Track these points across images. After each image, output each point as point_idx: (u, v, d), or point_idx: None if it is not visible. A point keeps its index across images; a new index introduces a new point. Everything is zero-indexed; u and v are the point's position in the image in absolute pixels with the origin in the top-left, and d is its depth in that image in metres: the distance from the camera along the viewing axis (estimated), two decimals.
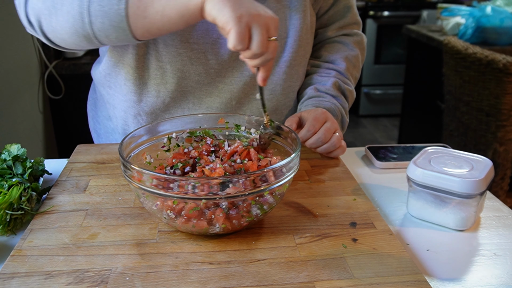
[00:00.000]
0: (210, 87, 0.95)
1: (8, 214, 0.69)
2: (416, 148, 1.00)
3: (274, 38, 0.68)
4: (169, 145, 0.79)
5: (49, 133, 2.42)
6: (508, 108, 1.74)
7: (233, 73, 0.96)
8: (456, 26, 2.45)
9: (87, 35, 0.78)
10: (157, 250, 0.64)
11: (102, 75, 0.99)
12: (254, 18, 0.66)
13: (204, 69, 0.93)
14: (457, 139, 2.02)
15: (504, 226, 0.75)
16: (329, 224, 0.71)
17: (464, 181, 0.70)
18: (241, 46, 0.66)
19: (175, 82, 0.93)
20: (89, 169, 0.88)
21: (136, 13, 0.73)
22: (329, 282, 0.58)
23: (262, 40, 0.66)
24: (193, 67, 0.92)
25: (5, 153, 0.82)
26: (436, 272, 0.64)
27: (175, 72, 0.93)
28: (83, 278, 0.58)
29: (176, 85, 0.94)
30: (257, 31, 0.66)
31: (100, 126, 1.09)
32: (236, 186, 0.60)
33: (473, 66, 1.80)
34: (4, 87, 1.90)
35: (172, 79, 0.93)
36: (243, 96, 0.97)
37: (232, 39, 0.65)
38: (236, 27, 0.65)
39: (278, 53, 0.97)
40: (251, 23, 0.66)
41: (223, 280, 0.58)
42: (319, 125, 0.90)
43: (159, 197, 0.63)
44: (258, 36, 0.66)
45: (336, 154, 0.92)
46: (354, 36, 1.11)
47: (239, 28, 0.65)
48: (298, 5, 0.96)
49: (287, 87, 1.00)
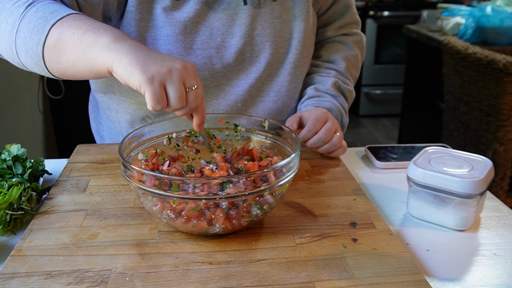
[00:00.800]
0: (216, 90, 0.96)
1: (8, 214, 0.69)
2: (416, 148, 1.00)
3: (194, 88, 0.67)
4: (169, 145, 0.79)
5: (49, 133, 2.42)
6: (508, 108, 1.74)
7: (239, 76, 0.96)
8: (456, 26, 2.45)
9: (18, 63, 0.79)
10: (157, 250, 0.64)
11: (104, 84, 0.99)
12: (166, 76, 0.64)
13: (210, 74, 0.93)
14: (457, 139, 2.02)
15: (504, 226, 0.75)
16: (329, 224, 0.71)
17: (464, 181, 0.70)
18: (160, 105, 0.64)
19: None
20: (89, 169, 0.88)
21: (51, 57, 0.73)
22: (329, 282, 0.58)
23: (179, 95, 0.64)
24: (199, 72, 0.92)
25: (5, 153, 0.82)
26: (436, 272, 0.64)
27: None
28: (83, 278, 0.58)
29: None
30: (172, 87, 0.64)
31: (103, 128, 1.09)
32: (236, 186, 0.60)
33: (473, 66, 1.80)
34: (4, 87, 1.90)
35: None
36: (248, 98, 0.97)
37: (149, 101, 0.63)
38: (150, 89, 0.63)
39: (283, 55, 0.97)
40: (164, 81, 0.64)
41: (223, 280, 0.58)
42: (320, 125, 0.90)
43: (159, 197, 0.63)
44: (174, 92, 0.64)
45: (337, 154, 0.93)
46: (354, 36, 1.11)
47: (153, 90, 0.63)
48: (302, 6, 0.96)
49: (292, 88, 1.00)
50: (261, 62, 0.96)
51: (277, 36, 0.95)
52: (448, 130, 2.09)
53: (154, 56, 0.67)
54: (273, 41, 0.95)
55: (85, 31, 0.70)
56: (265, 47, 0.95)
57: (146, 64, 0.64)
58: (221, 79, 0.95)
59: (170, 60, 0.67)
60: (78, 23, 0.72)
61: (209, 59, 0.92)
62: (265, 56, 0.95)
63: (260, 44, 0.94)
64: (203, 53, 0.91)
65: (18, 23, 0.74)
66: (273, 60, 0.96)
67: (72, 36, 0.71)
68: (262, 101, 0.99)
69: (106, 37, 0.69)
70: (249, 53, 0.94)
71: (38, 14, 0.73)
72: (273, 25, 0.94)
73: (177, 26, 0.88)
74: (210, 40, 0.91)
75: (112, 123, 1.05)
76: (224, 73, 0.94)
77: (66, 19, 0.73)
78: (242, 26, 0.92)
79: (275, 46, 0.95)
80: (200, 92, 0.68)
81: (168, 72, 0.64)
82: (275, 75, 0.98)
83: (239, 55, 0.93)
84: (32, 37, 0.73)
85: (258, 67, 0.96)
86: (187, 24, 0.88)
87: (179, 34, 0.88)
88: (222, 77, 0.95)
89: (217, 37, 0.91)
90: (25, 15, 0.74)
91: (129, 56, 0.65)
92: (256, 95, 0.98)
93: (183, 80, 0.65)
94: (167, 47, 0.89)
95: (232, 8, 0.91)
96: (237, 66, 0.95)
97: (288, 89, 1.00)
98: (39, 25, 0.73)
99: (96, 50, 0.68)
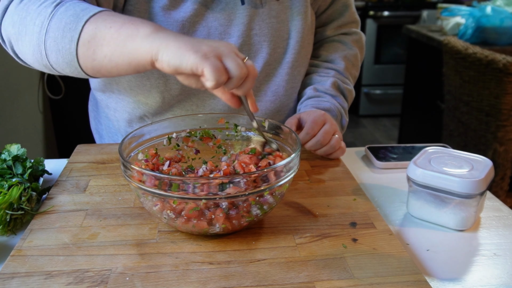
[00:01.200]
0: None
1: (8, 214, 0.69)
2: (416, 148, 1.00)
3: (246, 58, 0.66)
4: (169, 145, 0.79)
5: (49, 133, 2.42)
6: (508, 108, 1.74)
7: None
8: (456, 26, 2.45)
9: (46, 65, 0.76)
10: (157, 250, 0.64)
11: (103, 82, 0.99)
12: (218, 51, 0.63)
13: None
14: (457, 139, 2.02)
15: (504, 226, 0.75)
16: (329, 224, 0.71)
17: (464, 181, 0.70)
18: (223, 77, 0.62)
19: (179, 88, 0.93)
20: (89, 169, 0.88)
21: (85, 54, 0.71)
22: (329, 282, 0.58)
23: (239, 63, 0.63)
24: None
25: (5, 153, 0.82)
26: (436, 272, 0.64)
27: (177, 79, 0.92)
28: (83, 278, 0.58)
29: (180, 90, 0.94)
30: (229, 59, 0.63)
31: (102, 127, 1.09)
32: (236, 186, 0.60)
33: (473, 66, 1.80)
34: (4, 87, 1.90)
35: (176, 86, 0.93)
36: None
37: (211, 75, 0.60)
38: (208, 63, 0.61)
39: (281, 55, 0.97)
40: (220, 55, 0.63)
41: (223, 280, 0.58)
42: (318, 127, 0.89)
43: (159, 197, 0.63)
44: (233, 61, 0.63)
45: (335, 156, 0.92)
46: (353, 35, 1.11)
47: (211, 64, 0.61)
48: (300, 6, 0.96)
49: (290, 88, 1.00)
50: (258, 62, 0.95)
51: (275, 35, 0.95)
52: (448, 130, 2.09)
53: (199, 40, 0.65)
54: (270, 41, 0.95)
55: (121, 24, 0.68)
56: (262, 46, 0.95)
57: (195, 46, 0.63)
58: None
59: (214, 42, 0.66)
60: (113, 17, 0.70)
61: None
62: (263, 56, 0.95)
63: (258, 44, 0.94)
64: None
65: (48, 23, 0.72)
66: (270, 59, 0.96)
67: (109, 30, 0.68)
68: (259, 101, 0.99)
69: (146, 28, 0.67)
70: (246, 53, 0.94)
71: (69, 12, 0.71)
72: (271, 25, 0.94)
73: (174, 25, 0.88)
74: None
75: (111, 122, 1.05)
76: None
77: (99, 15, 0.71)
78: (239, 26, 0.92)
79: (273, 46, 0.95)
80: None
81: (219, 48, 0.63)
82: (272, 74, 0.98)
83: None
84: (65, 35, 0.70)
85: (255, 67, 0.95)
86: (185, 23, 0.88)
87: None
88: None
89: (214, 36, 0.91)
90: (54, 14, 0.72)
91: (175, 42, 0.63)
92: (253, 94, 0.98)
93: (235, 53, 0.64)
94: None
95: (229, 8, 0.91)
96: None
97: (285, 89, 0.99)
98: (71, 22, 0.70)
99: (137, 41, 0.66)
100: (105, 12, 0.71)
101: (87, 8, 0.72)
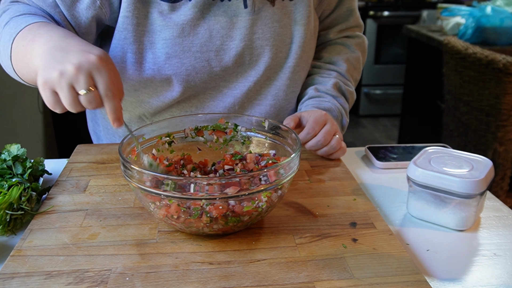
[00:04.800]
0: (214, 91, 0.95)
1: (8, 214, 0.69)
2: (416, 148, 1.00)
3: (89, 90, 0.65)
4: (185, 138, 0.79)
5: (49, 133, 2.42)
6: (508, 108, 1.74)
7: (237, 79, 0.95)
8: (456, 26, 2.45)
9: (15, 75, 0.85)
10: (157, 250, 0.64)
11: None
12: (55, 82, 0.65)
13: (209, 76, 0.93)
14: (457, 139, 2.02)
15: (504, 226, 0.75)
16: (329, 224, 0.71)
17: (464, 181, 0.70)
18: (58, 109, 0.68)
19: (181, 90, 0.93)
20: (89, 169, 0.88)
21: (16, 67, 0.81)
22: (329, 282, 0.58)
23: (69, 102, 0.66)
24: (198, 75, 0.92)
25: (5, 153, 0.82)
26: (436, 272, 0.64)
27: (180, 82, 0.92)
28: (83, 278, 0.58)
29: (182, 93, 0.94)
30: (61, 94, 0.66)
31: (100, 128, 1.09)
32: (236, 186, 0.60)
33: (473, 66, 1.80)
34: (4, 87, 1.90)
35: (178, 88, 0.93)
36: (246, 101, 0.97)
37: (47, 104, 0.68)
38: (43, 96, 0.66)
39: (283, 59, 0.97)
40: (54, 88, 0.66)
41: (223, 280, 0.58)
42: (319, 127, 0.89)
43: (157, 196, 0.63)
44: (63, 99, 0.66)
45: (336, 156, 0.92)
46: (356, 38, 1.11)
47: (45, 97, 0.67)
48: (303, 10, 0.96)
49: (290, 92, 1.00)
50: (260, 66, 0.95)
51: (277, 40, 0.95)
52: (448, 130, 2.09)
53: (58, 54, 0.67)
54: (273, 45, 0.95)
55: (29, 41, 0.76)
56: (265, 51, 0.95)
57: (46, 67, 0.66)
58: (220, 81, 0.95)
59: (71, 56, 0.65)
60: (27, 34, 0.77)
61: (208, 61, 0.91)
62: (265, 60, 0.95)
63: (260, 48, 0.94)
64: (202, 56, 0.91)
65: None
66: (272, 64, 0.96)
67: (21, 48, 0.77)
68: (259, 104, 0.99)
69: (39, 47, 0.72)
70: (248, 57, 0.94)
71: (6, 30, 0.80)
72: (274, 29, 0.94)
73: (174, 29, 0.88)
74: (209, 43, 0.90)
75: (109, 123, 1.04)
76: (223, 75, 0.94)
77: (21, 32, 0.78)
78: (242, 29, 0.92)
79: (275, 50, 0.95)
80: (102, 91, 0.65)
81: (59, 77, 0.64)
82: (273, 79, 0.98)
83: (239, 58, 0.93)
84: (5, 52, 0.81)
85: (257, 71, 0.95)
86: (185, 26, 0.88)
87: (177, 37, 0.88)
88: (220, 79, 0.94)
89: (216, 40, 0.91)
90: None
91: (41, 61, 0.68)
92: (253, 98, 0.98)
93: (73, 84, 0.65)
94: (165, 50, 0.89)
95: (232, 11, 0.91)
96: (236, 69, 0.94)
97: (286, 93, 1.00)
98: (7, 41, 0.80)
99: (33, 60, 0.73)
100: (26, 28, 0.77)
101: (17, 26, 0.79)
